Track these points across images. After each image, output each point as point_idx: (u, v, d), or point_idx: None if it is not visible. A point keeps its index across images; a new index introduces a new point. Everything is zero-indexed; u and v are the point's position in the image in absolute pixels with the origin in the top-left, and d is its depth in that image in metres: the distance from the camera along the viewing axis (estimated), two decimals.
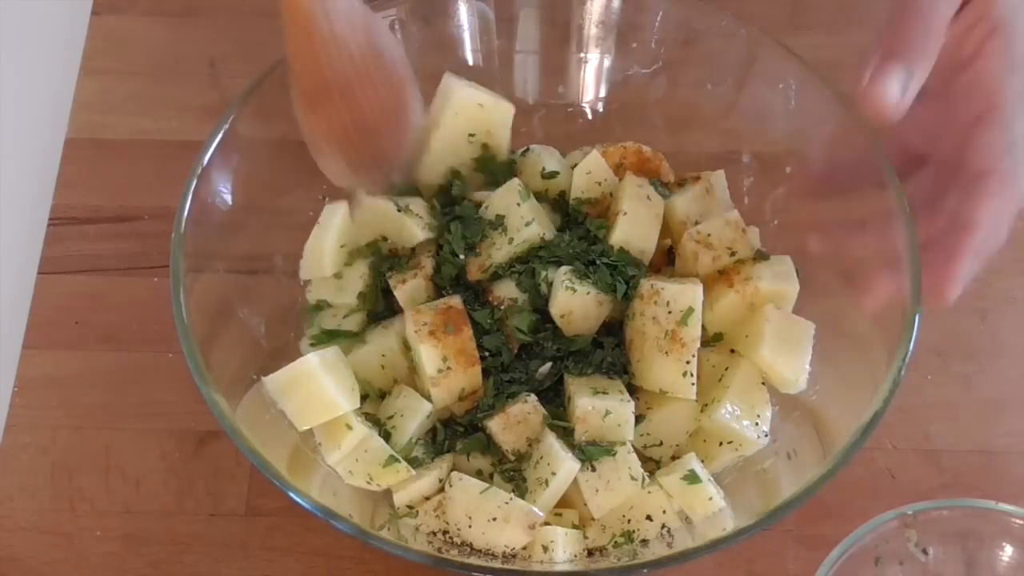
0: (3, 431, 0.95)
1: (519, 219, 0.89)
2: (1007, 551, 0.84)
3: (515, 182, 0.91)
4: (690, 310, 0.84)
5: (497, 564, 0.79)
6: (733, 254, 0.89)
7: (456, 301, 0.88)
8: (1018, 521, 0.82)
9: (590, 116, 1.01)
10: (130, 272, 1.01)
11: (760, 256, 0.90)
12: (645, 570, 0.77)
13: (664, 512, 0.83)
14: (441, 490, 0.84)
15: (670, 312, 0.85)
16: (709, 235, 0.89)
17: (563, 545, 0.81)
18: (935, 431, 0.95)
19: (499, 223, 0.90)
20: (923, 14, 0.78)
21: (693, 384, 0.85)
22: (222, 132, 0.86)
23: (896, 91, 0.77)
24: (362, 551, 0.90)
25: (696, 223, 0.91)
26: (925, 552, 0.84)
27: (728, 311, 0.88)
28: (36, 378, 0.97)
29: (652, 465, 0.87)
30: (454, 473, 0.83)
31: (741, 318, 0.88)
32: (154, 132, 1.07)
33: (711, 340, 0.89)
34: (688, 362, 0.84)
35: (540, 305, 0.89)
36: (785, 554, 0.90)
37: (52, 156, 1.07)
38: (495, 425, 0.85)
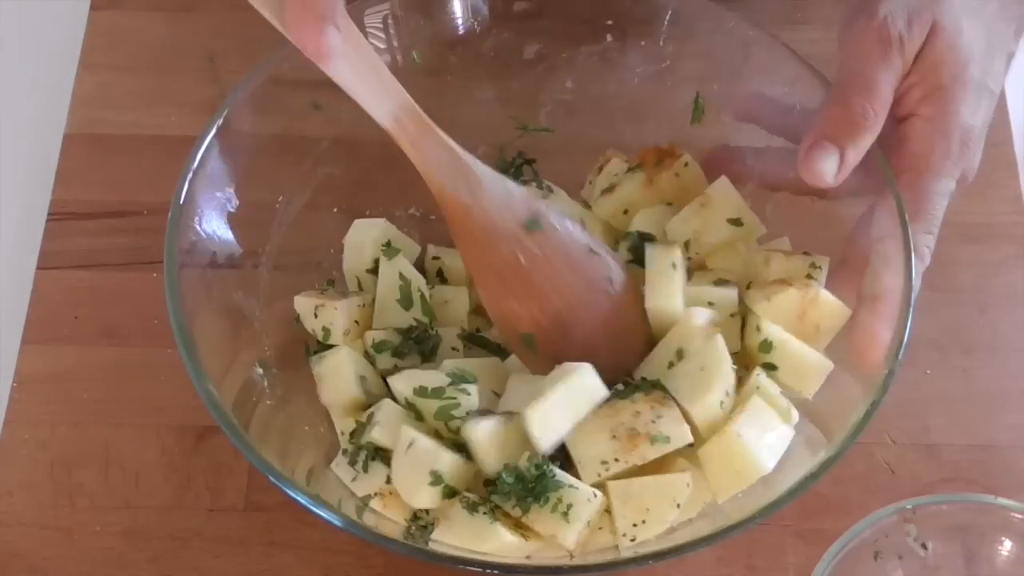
0: (2, 426, 0.95)
1: None
2: (1007, 545, 0.84)
3: None
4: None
5: (491, 559, 0.79)
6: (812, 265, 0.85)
7: None
8: (1018, 515, 0.83)
9: (595, 111, 1.01)
10: (129, 267, 1.01)
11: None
12: (634, 565, 0.76)
13: None
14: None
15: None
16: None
17: None
18: (934, 425, 0.95)
19: None
20: (861, 95, 0.80)
21: None
22: (216, 127, 0.85)
23: (829, 168, 0.80)
24: (361, 547, 0.90)
25: (688, 243, 0.88)
26: (924, 546, 0.84)
27: (784, 309, 0.83)
28: (35, 373, 0.97)
29: None
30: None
31: (795, 321, 0.83)
32: (153, 127, 1.07)
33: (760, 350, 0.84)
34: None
35: None
36: (784, 548, 0.90)
37: (51, 151, 1.06)
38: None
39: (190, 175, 0.83)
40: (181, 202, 0.82)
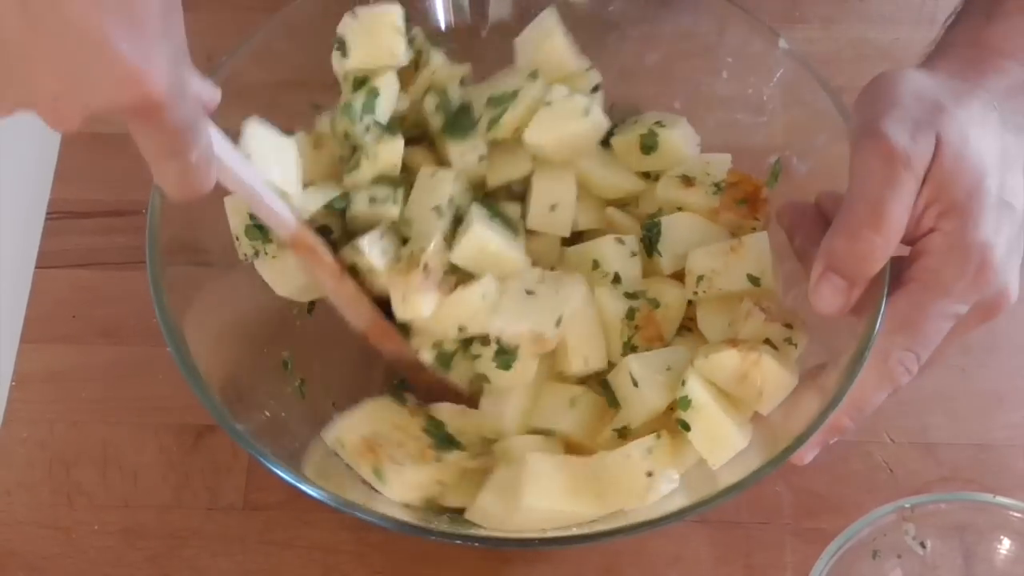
0: (1, 425, 0.95)
1: None
2: (1005, 544, 0.84)
3: None
4: None
5: (485, 533, 0.78)
6: (788, 326, 0.83)
7: None
8: (1016, 514, 0.83)
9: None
10: (128, 266, 1.01)
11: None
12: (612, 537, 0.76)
13: None
14: None
15: None
16: (769, 305, 0.84)
17: None
18: (933, 424, 0.95)
19: None
20: (868, 225, 0.75)
21: None
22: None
23: (837, 301, 0.77)
24: (360, 545, 0.90)
25: (701, 279, 0.86)
26: (923, 545, 0.84)
27: (722, 368, 0.80)
28: (34, 372, 0.97)
29: None
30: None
31: (734, 382, 0.80)
32: None
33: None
34: None
35: None
36: (783, 547, 0.90)
37: (50, 150, 1.06)
38: None
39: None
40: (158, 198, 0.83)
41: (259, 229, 0.83)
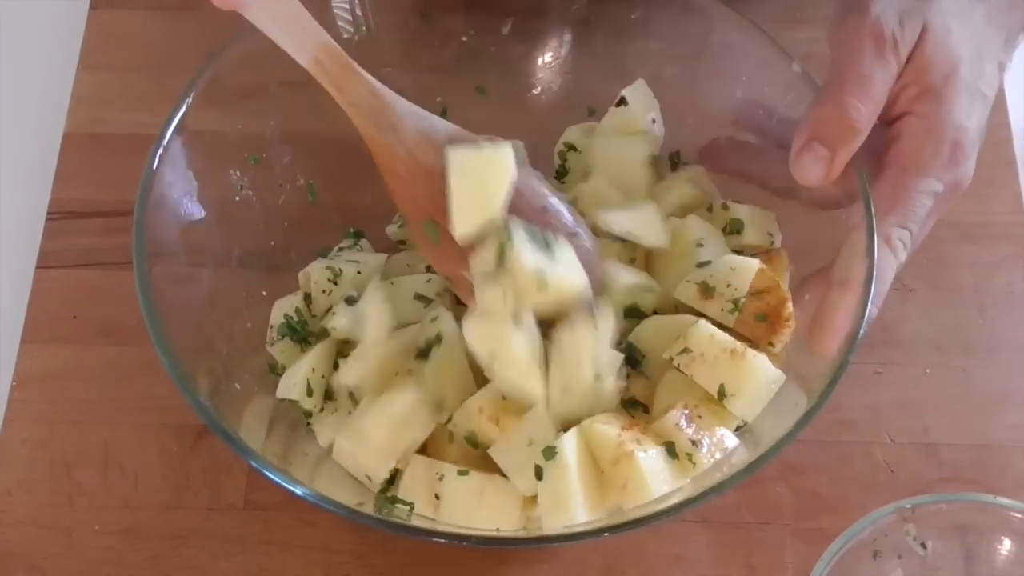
0: (1, 425, 0.95)
1: None
2: (1006, 545, 0.84)
3: None
4: None
5: (488, 534, 0.79)
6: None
7: None
8: (1017, 515, 0.83)
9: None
10: (128, 266, 0.98)
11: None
12: (606, 533, 0.76)
13: None
14: None
15: None
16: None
17: None
18: (934, 425, 0.95)
19: None
20: (854, 93, 0.79)
21: None
22: (175, 122, 0.88)
23: (820, 170, 0.80)
24: (360, 546, 0.90)
25: (686, 351, 0.81)
26: (924, 546, 0.84)
27: (600, 444, 0.78)
28: (34, 372, 0.97)
29: None
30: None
31: (608, 463, 0.78)
32: (152, 126, 1.05)
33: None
34: None
35: None
36: (783, 548, 0.90)
37: (50, 150, 1.07)
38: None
39: (154, 165, 0.86)
40: (147, 199, 0.85)
41: (292, 328, 0.86)
